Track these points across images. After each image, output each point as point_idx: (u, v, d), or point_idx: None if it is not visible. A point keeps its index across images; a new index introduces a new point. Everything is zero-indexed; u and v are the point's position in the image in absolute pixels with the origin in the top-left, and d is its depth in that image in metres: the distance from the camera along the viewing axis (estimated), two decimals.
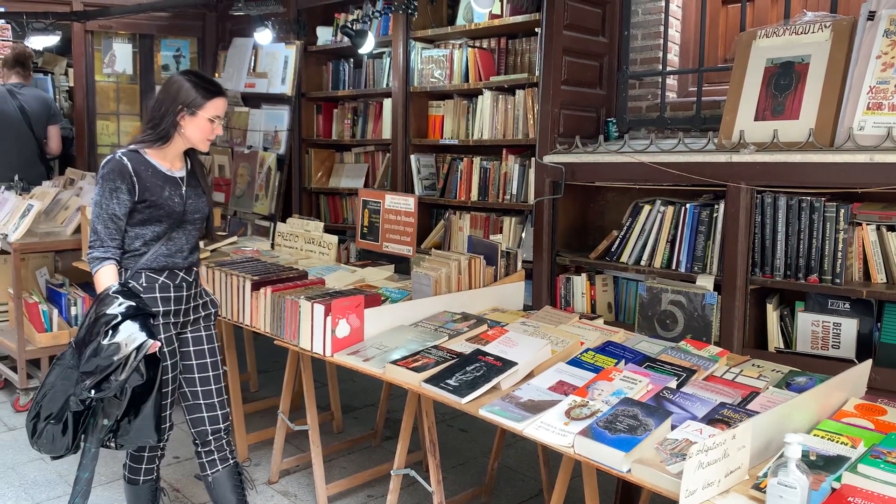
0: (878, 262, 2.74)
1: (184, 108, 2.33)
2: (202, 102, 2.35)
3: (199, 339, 2.54)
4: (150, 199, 2.34)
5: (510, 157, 4.09)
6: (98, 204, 2.32)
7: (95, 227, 2.32)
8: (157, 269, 2.39)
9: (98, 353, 2.13)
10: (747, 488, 1.60)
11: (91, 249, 2.33)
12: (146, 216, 2.35)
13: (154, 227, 2.38)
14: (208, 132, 2.41)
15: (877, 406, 2.00)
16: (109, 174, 2.31)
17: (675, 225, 3.15)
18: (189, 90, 2.34)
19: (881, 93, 2.69)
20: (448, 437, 3.71)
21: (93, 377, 2.13)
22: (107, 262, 2.31)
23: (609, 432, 1.76)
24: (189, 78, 2.38)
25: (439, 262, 2.92)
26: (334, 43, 5.07)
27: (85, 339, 2.21)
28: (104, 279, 2.29)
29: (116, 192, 2.30)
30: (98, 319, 2.18)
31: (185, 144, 2.41)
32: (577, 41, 3.61)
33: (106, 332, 2.14)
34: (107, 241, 2.32)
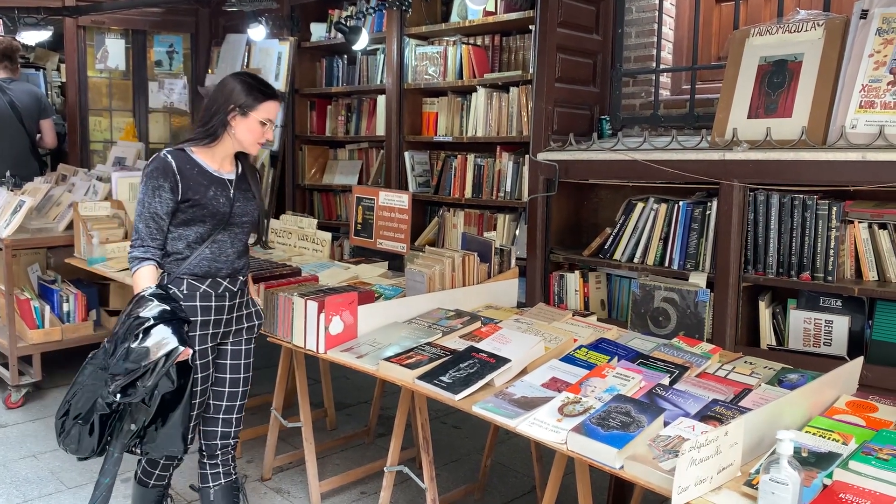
0: (870, 260, 2.75)
1: (235, 107, 2.29)
2: (255, 104, 2.31)
3: (237, 354, 2.46)
4: (193, 199, 2.28)
5: (504, 155, 4.09)
6: (141, 202, 2.27)
7: (137, 226, 2.27)
8: (199, 276, 2.32)
9: (128, 356, 2.09)
10: (739, 485, 1.61)
11: (131, 248, 2.29)
12: (189, 216, 2.29)
13: (197, 228, 2.31)
14: (259, 135, 2.36)
15: (868, 403, 2.01)
16: (153, 172, 2.26)
17: (668, 222, 3.16)
18: (242, 91, 2.31)
19: (873, 91, 2.70)
20: (441, 433, 3.71)
21: (120, 380, 2.09)
22: (146, 262, 2.25)
23: (602, 429, 1.77)
24: (243, 79, 2.35)
25: (433, 260, 2.92)
26: (328, 39, 5.06)
27: (116, 341, 2.16)
28: (141, 280, 2.24)
29: (159, 191, 2.24)
30: (131, 322, 2.13)
31: (234, 146, 2.36)
32: (570, 38, 3.61)
33: (136, 335, 2.09)
34: (147, 240, 2.26)
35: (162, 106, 6.11)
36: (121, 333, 2.15)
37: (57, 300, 4.14)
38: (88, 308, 4.22)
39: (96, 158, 5.84)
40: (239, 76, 2.38)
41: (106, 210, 4.00)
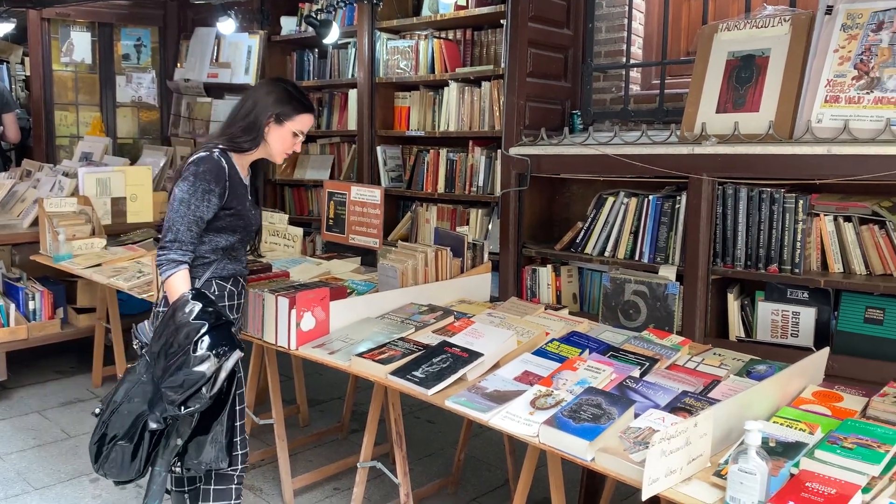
0: (836, 252, 2.80)
1: (273, 115, 2.25)
2: (292, 114, 2.28)
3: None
4: (235, 208, 2.24)
5: (476, 149, 4.09)
6: (186, 203, 2.15)
7: (177, 227, 2.15)
8: (225, 277, 2.31)
9: (185, 365, 2.00)
10: (709, 475, 1.62)
11: (166, 250, 2.16)
12: (225, 224, 2.24)
13: (228, 237, 2.28)
14: (289, 145, 2.33)
15: (834, 393, 2.04)
16: (206, 174, 2.17)
17: (638, 216, 3.19)
18: (283, 98, 2.27)
19: (838, 86, 2.74)
20: (415, 428, 3.71)
21: (181, 391, 2.00)
22: (183, 266, 2.16)
23: (573, 421, 1.78)
24: (286, 86, 2.32)
25: (406, 255, 2.91)
26: (298, 33, 5.02)
27: (165, 351, 2.06)
28: (180, 285, 2.14)
29: (209, 196, 2.17)
30: (180, 328, 2.04)
31: (260, 153, 2.32)
32: (542, 33, 3.62)
33: (195, 343, 2.01)
34: (187, 244, 2.17)
35: (130, 100, 6.01)
36: (172, 342, 2.04)
37: (22, 298, 4.06)
38: (55, 306, 4.14)
39: (62, 154, 5.73)
40: (279, 82, 2.35)
41: (72, 206, 3.93)
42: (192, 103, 5.62)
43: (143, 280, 3.24)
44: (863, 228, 2.73)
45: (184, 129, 5.66)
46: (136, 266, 3.51)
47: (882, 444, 1.56)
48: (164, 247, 2.17)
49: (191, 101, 5.63)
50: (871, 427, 1.66)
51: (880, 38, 2.71)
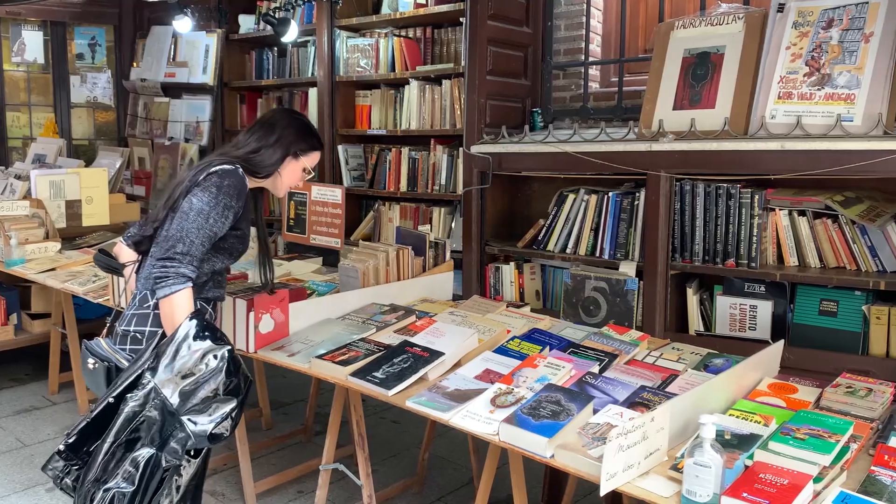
0: (791, 246, 2.84)
1: (293, 150, 2.22)
2: (308, 150, 2.26)
3: None
4: (242, 230, 2.16)
5: (438, 148, 4.08)
6: (205, 216, 2.01)
7: (192, 240, 1.99)
8: (208, 300, 2.19)
9: (216, 391, 1.86)
10: (666, 469, 1.64)
11: (177, 263, 1.97)
12: (228, 245, 2.15)
13: (226, 260, 2.18)
14: (297, 180, 2.30)
15: (788, 385, 2.08)
16: (230, 188, 2.05)
17: (598, 213, 3.21)
18: (305, 133, 2.25)
19: (791, 82, 2.79)
20: (380, 429, 3.70)
21: (209, 419, 1.84)
22: (190, 283, 1.99)
23: (532, 418, 1.78)
24: (304, 121, 2.31)
25: (367, 254, 2.89)
26: (257, 31, 4.96)
27: (180, 376, 1.87)
28: (187, 303, 1.97)
29: (228, 212, 2.05)
30: (195, 352, 1.89)
31: (266, 183, 2.26)
32: (501, 31, 3.62)
33: (226, 367, 1.88)
34: (197, 260, 2.01)
35: (85, 101, 5.89)
36: (183, 370, 1.88)
37: None
38: (9, 312, 4.04)
39: (15, 155, 5.59)
40: (298, 115, 2.35)
41: (25, 209, 3.84)
42: (149, 103, 5.53)
43: (98, 284, 3.17)
44: (816, 223, 2.78)
45: (141, 129, 5.56)
46: (92, 270, 3.43)
47: (833, 434, 1.59)
48: (173, 258, 1.97)
49: (148, 101, 5.53)
50: (823, 417, 1.68)
51: (830, 35, 2.76)
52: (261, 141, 2.19)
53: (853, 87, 2.66)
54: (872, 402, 1.91)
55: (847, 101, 2.66)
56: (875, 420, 1.86)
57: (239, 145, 2.22)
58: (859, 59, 2.67)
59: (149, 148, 5.42)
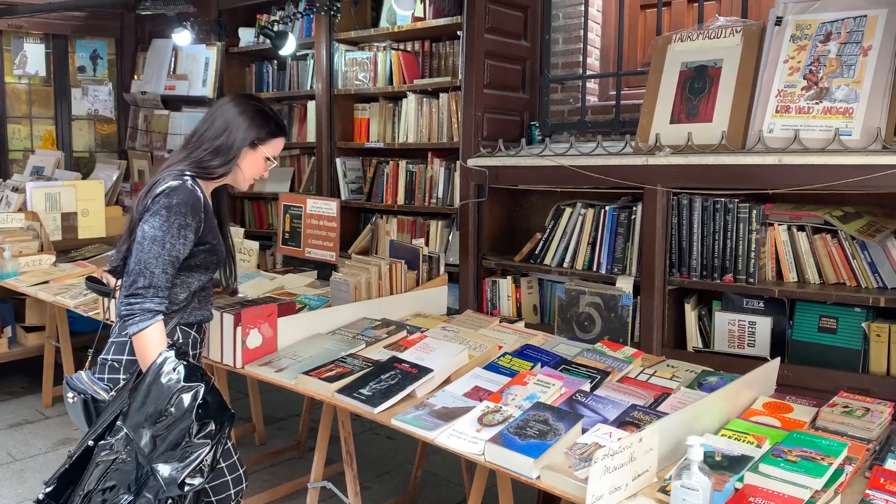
0: (790, 262, 2.80)
1: (249, 140, 2.05)
2: (267, 138, 2.08)
3: None
4: (211, 243, 2.01)
5: (436, 161, 4.06)
6: (160, 242, 1.89)
7: (151, 271, 1.88)
8: (191, 324, 2.07)
9: (185, 436, 1.76)
10: (654, 491, 1.59)
11: (140, 298, 1.87)
12: (200, 262, 2.02)
13: (202, 276, 2.05)
14: (260, 170, 2.12)
15: (784, 404, 2.03)
16: (180, 206, 1.92)
17: (595, 227, 3.17)
18: (260, 121, 2.07)
19: (788, 96, 2.75)
20: (374, 445, 3.65)
21: (179, 466, 1.74)
22: (159, 317, 1.90)
23: (519, 438, 1.73)
24: (261, 106, 2.11)
25: (359, 268, 2.86)
26: (257, 44, 4.96)
27: (153, 421, 1.78)
28: (157, 340, 1.88)
29: (185, 231, 1.93)
30: (168, 393, 1.78)
31: (227, 179, 2.11)
32: (499, 45, 3.60)
33: (196, 409, 1.78)
34: (163, 289, 1.91)
35: (86, 113, 5.89)
36: (152, 413, 1.78)
37: None
38: (3, 325, 4.02)
39: (16, 168, 5.59)
40: (253, 102, 2.11)
41: (20, 222, 3.83)
42: (149, 116, 5.53)
43: (89, 298, 3.15)
44: (816, 238, 2.74)
45: (141, 142, 5.56)
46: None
47: (826, 457, 1.54)
48: (136, 294, 1.88)
49: (148, 114, 5.53)
50: (817, 439, 1.64)
51: (828, 48, 2.73)
52: (212, 140, 2.04)
53: (851, 101, 2.62)
54: (869, 423, 1.86)
55: (845, 115, 2.62)
56: (872, 441, 1.81)
57: (190, 146, 2.07)
58: (857, 73, 2.64)
59: (148, 160, 5.42)
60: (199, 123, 2.12)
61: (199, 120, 2.13)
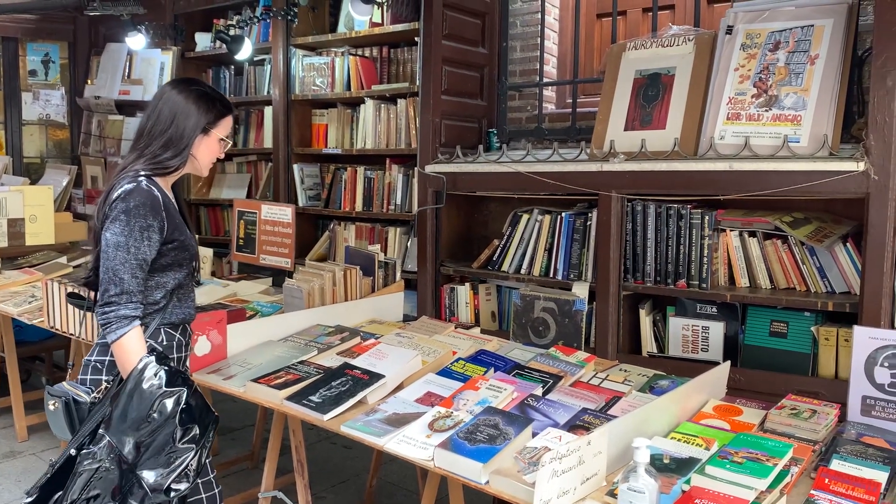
0: (742, 267, 2.83)
1: (200, 126, 2.00)
2: (217, 120, 2.03)
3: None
4: (178, 240, 1.98)
5: (394, 167, 4.03)
6: (124, 247, 1.87)
7: (119, 277, 1.87)
8: (175, 325, 2.04)
9: (169, 442, 1.74)
10: (603, 494, 1.59)
11: (114, 306, 1.86)
12: (171, 260, 1.98)
13: (177, 274, 2.02)
14: (216, 154, 2.08)
15: (734, 407, 2.05)
16: (139, 209, 1.89)
17: (552, 233, 3.17)
18: (206, 106, 2.01)
19: (739, 103, 2.79)
20: (331, 454, 3.60)
21: (164, 472, 1.72)
22: (136, 322, 1.88)
23: (468, 443, 1.72)
24: (203, 89, 2.05)
25: (312, 274, 2.82)
26: (213, 49, 4.89)
27: (136, 427, 1.76)
28: (137, 345, 1.87)
29: (148, 232, 1.90)
30: (150, 399, 1.76)
31: (187, 170, 2.07)
32: (456, 51, 3.60)
33: (179, 414, 1.76)
34: (136, 294, 1.89)
35: (38, 118, 5.75)
36: (136, 419, 1.76)
37: None
38: None
39: None
40: (194, 86, 2.05)
41: None
42: (103, 121, 5.41)
43: (34, 305, 3.06)
44: (767, 243, 2.78)
45: (94, 147, 5.44)
46: (31, 290, 3.32)
47: (771, 458, 1.55)
48: (110, 302, 1.87)
49: (102, 119, 5.42)
50: (763, 441, 1.65)
51: (777, 57, 2.77)
52: (161, 134, 1.99)
53: (799, 109, 2.67)
54: (816, 424, 1.88)
55: (794, 123, 2.67)
56: (818, 442, 1.83)
57: (140, 145, 2.02)
58: (805, 81, 2.69)
59: (102, 166, 5.30)
60: (143, 119, 2.06)
61: (144, 115, 2.07)
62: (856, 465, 1.66)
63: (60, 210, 4.33)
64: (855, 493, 1.54)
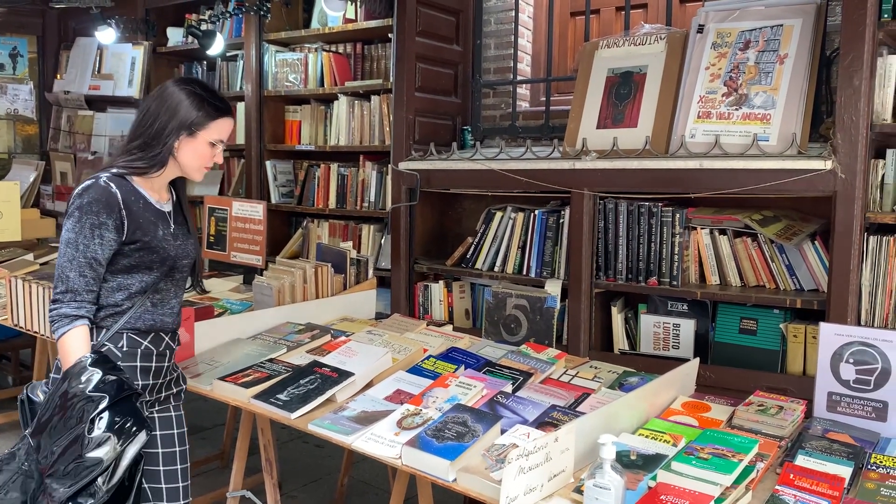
0: (712, 265, 2.85)
1: (183, 127, 1.88)
2: (205, 122, 1.90)
3: (168, 422, 2.01)
4: (142, 240, 1.86)
5: (367, 164, 4.01)
6: (73, 244, 1.80)
7: (66, 275, 1.80)
8: (141, 331, 1.91)
9: (78, 449, 1.62)
10: (570, 491, 1.58)
11: (58, 304, 1.80)
12: (135, 261, 1.88)
13: (143, 277, 1.90)
14: (207, 158, 1.96)
15: (702, 403, 2.05)
16: (92, 205, 1.81)
17: (525, 231, 3.18)
18: (191, 106, 1.88)
19: (710, 102, 2.81)
20: (302, 453, 3.57)
21: (69, 483, 1.60)
22: (79, 321, 1.80)
23: (436, 440, 1.71)
24: (192, 89, 1.93)
25: (283, 272, 2.80)
26: (185, 44, 4.82)
27: (51, 431, 1.67)
28: (75, 345, 1.78)
29: (100, 230, 1.81)
30: (72, 403, 1.66)
31: (175, 172, 1.96)
32: (430, 48, 3.59)
33: (91, 421, 1.64)
34: (82, 293, 1.81)
35: (5, 113, 5.63)
36: (56, 422, 1.67)
37: None
38: None
39: None
40: (185, 85, 1.94)
41: None
42: (72, 116, 5.32)
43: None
44: (737, 241, 2.80)
45: (64, 143, 5.35)
46: None
47: (737, 454, 1.56)
48: (56, 300, 1.82)
49: (72, 115, 5.33)
50: (729, 437, 1.65)
51: (747, 56, 2.79)
52: (142, 134, 1.90)
53: (769, 108, 2.69)
54: (782, 420, 1.90)
55: (763, 121, 2.69)
56: (784, 438, 1.84)
57: (126, 142, 1.95)
58: (774, 80, 2.71)
59: (71, 162, 5.21)
60: (136, 114, 1.99)
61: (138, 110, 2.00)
62: (821, 460, 1.67)
63: (28, 206, 4.25)
64: (819, 489, 1.55)
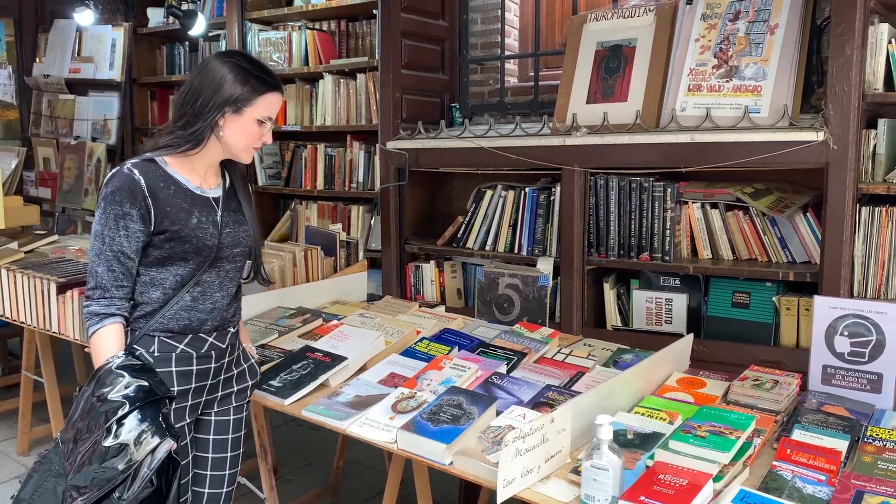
0: (704, 239, 2.84)
1: (228, 103, 1.72)
2: (252, 97, 1.73)
3: (224, 426, 1.91)
4: (171, 230, 1.72)
5: (355, 144, 3.96)
6: (99, 236, 1.70)
7: (95, 270, 1.70)
8: (176, 332, 1.77)
9: (96, 458, 1.53)
10: (567, 472, 1.57)
11: (89, 301, 1.71)
12: (166, 253, 1.74)
13: (177, 269, 1.76)
14: (255, 137, 1.78)
15: (697, 379, 2.05)
16: (114, 195, 1.68)
17: (516, 209, 3.15)
18: (236, 79, 1.72)
19: (700, 75, 2.78)
20: (297, 436, 3.56)
21: (88, 494, 1.51)
22: (110, 319, 1.69)
23: (432, 424, 1.69)
24: (237, 62, 1.76)
25: (272, 255, 2.76)
26: (167, 25, 4.74)
27: (76, 436, 1.59)
28: (105, 345, 1.68)
29: (125, 220, 1.68)
30: (93, 406, 1.58)
31: (221, 153, 1.80)
32: (416, 24, 3.53)
33: (108, 429, 1.55)
34: (111, 289, 1.70)
35: None
36: (83, 427, 1.59)
37: None
38: None
39: None
40: (230, 58, 1.77)
41: None
42: (53, 100, 5.24)
43: None
44: (728, 215, 2.78)
45: (45, 128, 5.26)
46: None
47: (734, 431, 1.55)
48: (87, 297, 1.73)
49: (52, 99, 5.24)
50: (726, 413, 1.65)
51: (737, 27, 2.76)
52: (180, 109, 1.76)
53: (760, 79, 2.66)
54: (778, 395, 1.89)
55: (754, 93, 2.66)
56: (780, 413, 1.84)
57: (170, 121, 1.81)
58: (765, 52, 2.68)
59: (54, 148, 5.13)
60: (179, 91, 1.86)
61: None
62: (817, 434, 1.67)
63: (10, 193, 4.18)
64: (816, 463, 1.55)
